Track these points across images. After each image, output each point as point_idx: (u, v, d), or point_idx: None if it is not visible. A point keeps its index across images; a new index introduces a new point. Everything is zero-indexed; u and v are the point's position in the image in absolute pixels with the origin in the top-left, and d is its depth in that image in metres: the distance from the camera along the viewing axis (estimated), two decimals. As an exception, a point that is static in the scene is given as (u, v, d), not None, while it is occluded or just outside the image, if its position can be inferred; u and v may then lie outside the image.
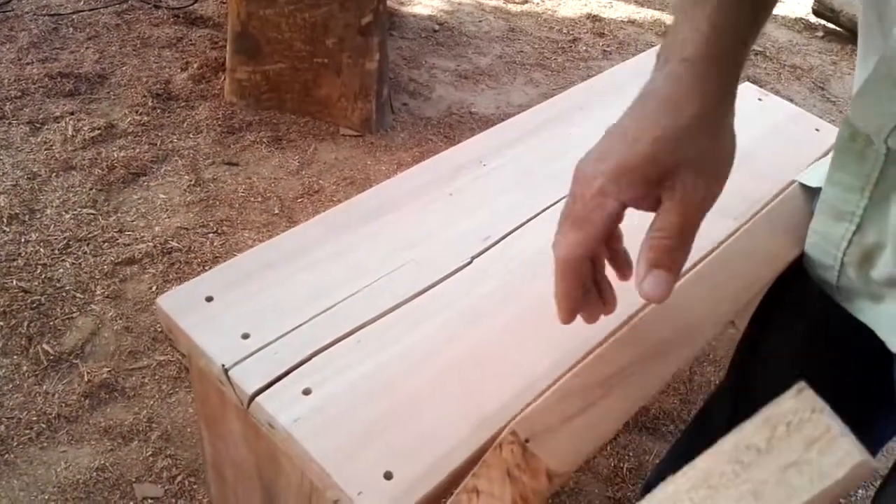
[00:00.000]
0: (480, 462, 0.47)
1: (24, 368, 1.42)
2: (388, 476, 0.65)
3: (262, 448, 0.85)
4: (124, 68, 2.29)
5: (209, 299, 0.80)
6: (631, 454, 1.46)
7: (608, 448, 1.44)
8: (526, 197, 0.99)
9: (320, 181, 2.05)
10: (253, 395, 0.71)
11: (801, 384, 0.33)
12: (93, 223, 1.80)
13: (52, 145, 1.96)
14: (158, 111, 2.16)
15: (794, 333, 0.73)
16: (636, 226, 0.60)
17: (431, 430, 0.69)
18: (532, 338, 0.76)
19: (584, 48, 2.96)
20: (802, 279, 0.69)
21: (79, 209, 1.83)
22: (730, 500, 0.31)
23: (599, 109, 1.15)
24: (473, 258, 0.90)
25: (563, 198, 1.02)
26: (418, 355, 0.77)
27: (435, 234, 0.92)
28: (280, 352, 0.75)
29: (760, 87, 1.23)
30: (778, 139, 1.15)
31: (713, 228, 0.86)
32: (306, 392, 0.71)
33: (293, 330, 0.78)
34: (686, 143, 0.50)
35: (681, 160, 0.50)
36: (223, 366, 0.73)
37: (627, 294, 0.61)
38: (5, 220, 1.73)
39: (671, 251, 0.51)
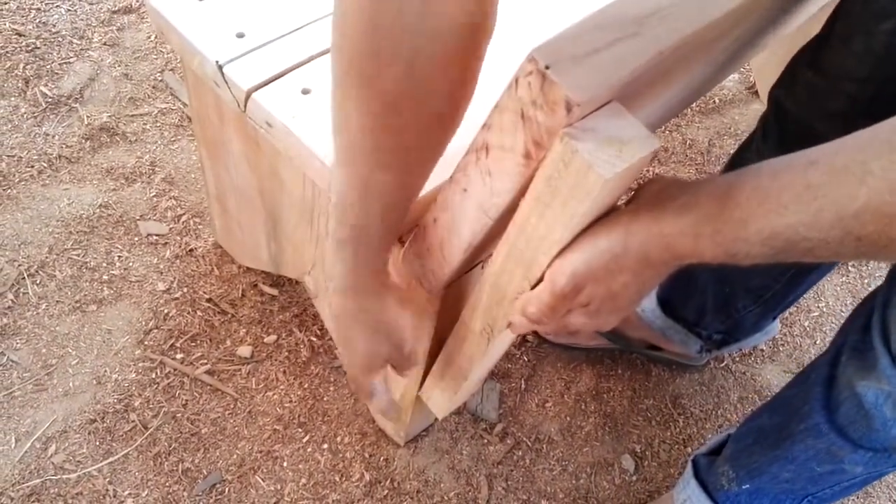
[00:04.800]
0: (491, 110, 0.43)
1: (23, 110, 1.38)
2: (390, 173, 0.61)
3: (263, 166, 0.82)
4: None
5: (202, -3, 0.73)
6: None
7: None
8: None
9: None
10: (249, 93, 0.66)
11: None
12: (86, -32, 1.68)
13: None
14: None
15: (874, 36, 0.66)
16: None
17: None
18: None
19: None
20: None
21: (71, -45, 1.71)
22: None
23: None
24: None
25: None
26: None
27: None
28: (277, 52, 0.70)
29: None
30: None
31: None
32: (305, 92, 0.67)
33: (292, 32, 0.72)
34: None
35: None
36: (217, 62, 0.68)
37: None
38: (-8, -40, 1.62)
39: None
